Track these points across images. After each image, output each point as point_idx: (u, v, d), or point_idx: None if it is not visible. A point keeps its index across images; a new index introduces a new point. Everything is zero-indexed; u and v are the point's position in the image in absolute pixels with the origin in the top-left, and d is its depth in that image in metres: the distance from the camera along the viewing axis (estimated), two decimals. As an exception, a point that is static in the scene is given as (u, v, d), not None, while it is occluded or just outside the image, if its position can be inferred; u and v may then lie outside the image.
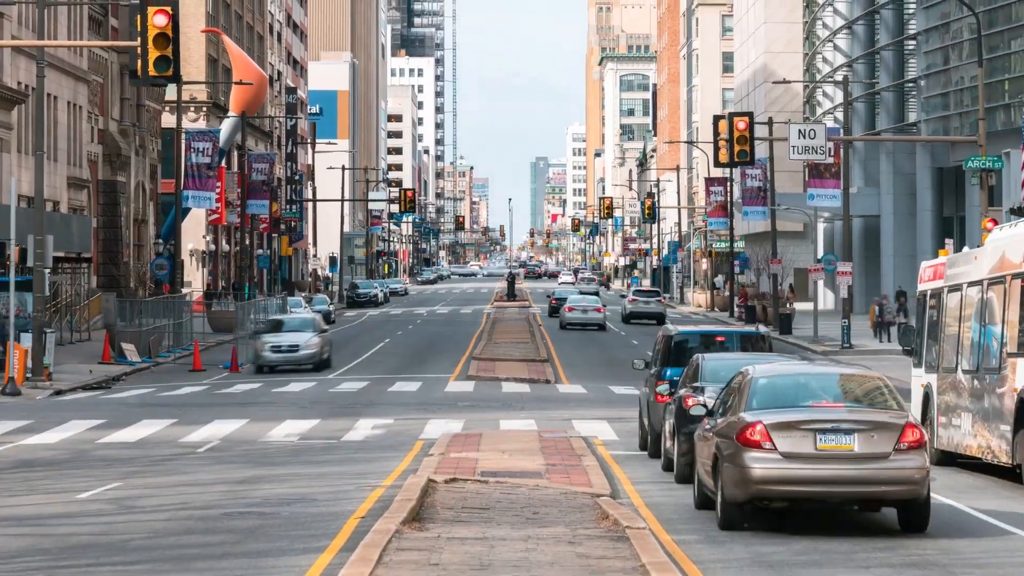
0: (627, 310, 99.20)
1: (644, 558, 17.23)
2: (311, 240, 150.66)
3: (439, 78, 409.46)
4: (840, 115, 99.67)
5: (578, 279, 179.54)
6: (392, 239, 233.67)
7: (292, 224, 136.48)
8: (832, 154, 75.44)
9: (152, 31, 36.92)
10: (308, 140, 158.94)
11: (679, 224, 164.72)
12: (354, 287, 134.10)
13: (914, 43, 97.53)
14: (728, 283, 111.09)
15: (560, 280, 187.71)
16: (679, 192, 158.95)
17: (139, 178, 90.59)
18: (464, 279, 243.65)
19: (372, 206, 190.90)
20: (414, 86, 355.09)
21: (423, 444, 32.00)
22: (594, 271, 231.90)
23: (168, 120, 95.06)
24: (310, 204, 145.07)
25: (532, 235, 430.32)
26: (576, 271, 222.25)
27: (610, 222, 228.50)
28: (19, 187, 61.98)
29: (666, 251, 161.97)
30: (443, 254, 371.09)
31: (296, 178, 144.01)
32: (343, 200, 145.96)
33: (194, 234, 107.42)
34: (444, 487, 23.76)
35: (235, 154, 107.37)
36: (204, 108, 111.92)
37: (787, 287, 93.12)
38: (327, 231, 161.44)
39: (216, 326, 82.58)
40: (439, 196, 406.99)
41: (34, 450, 32.21)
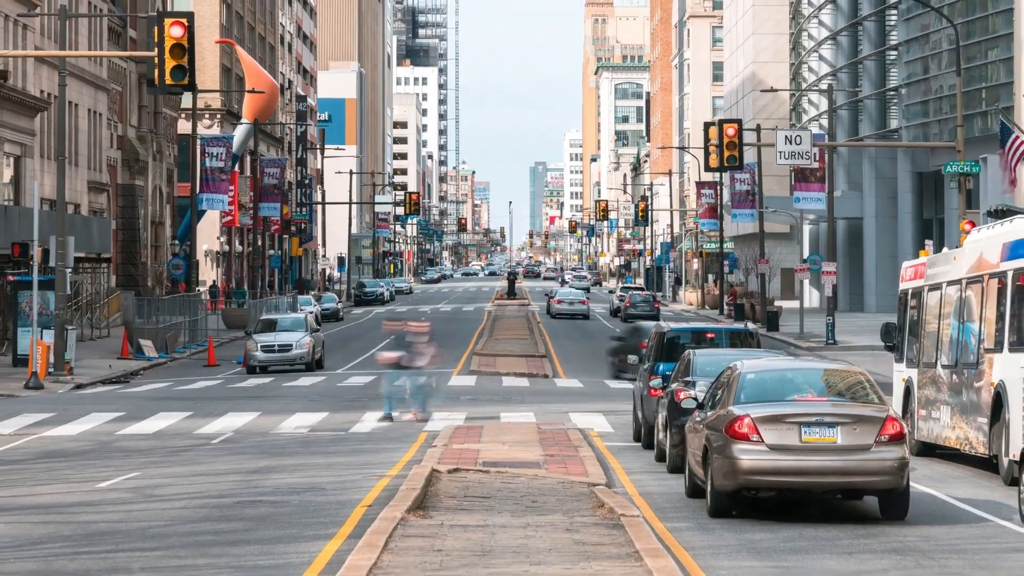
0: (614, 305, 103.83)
1: (638, 544, 17.22)
2: (320, 241, 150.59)
3: (442, 87, 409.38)
4: (825, 122, 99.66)
5: (570, 278, 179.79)
6: (397, 240, 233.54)
7: (302, 226, 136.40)
8: (817, 159, 75.43)
9: (169, 42, 36.93)
10: (317, 146, 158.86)
11: (671, 226, 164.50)
12: (361, 286, 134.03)
13: (895, 53, 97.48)
14: (718, 282, 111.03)
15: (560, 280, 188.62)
16: (671, 195, 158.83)
17: (156, 182, 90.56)
18: (467, 278, 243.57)
19: (378, 209, 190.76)
20: (418, 94, 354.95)
21: (427, 436, 31.98)
22: (591, 270, 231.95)
23: (184, 127, 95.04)
24: (319, 207, 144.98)
25: (531, 236, 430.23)
26: (562, 271, 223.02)
27: (605, 224, 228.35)
28: (42, 191, 61.98)
29: (659, 252, 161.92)
30: (446, 255, 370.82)
31: (306, 182, 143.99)
32: (351, 203, 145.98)
33: (209, 235, 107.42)
34: (447, 477, 23.76)
35: (248, 159, 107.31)
36: (218, 115, 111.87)
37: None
38: (335, 232, 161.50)
39: (229, 323, 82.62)
40: (442, 199, 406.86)
41: (56, 441, 32.22)
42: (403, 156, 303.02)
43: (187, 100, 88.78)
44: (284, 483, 24.70)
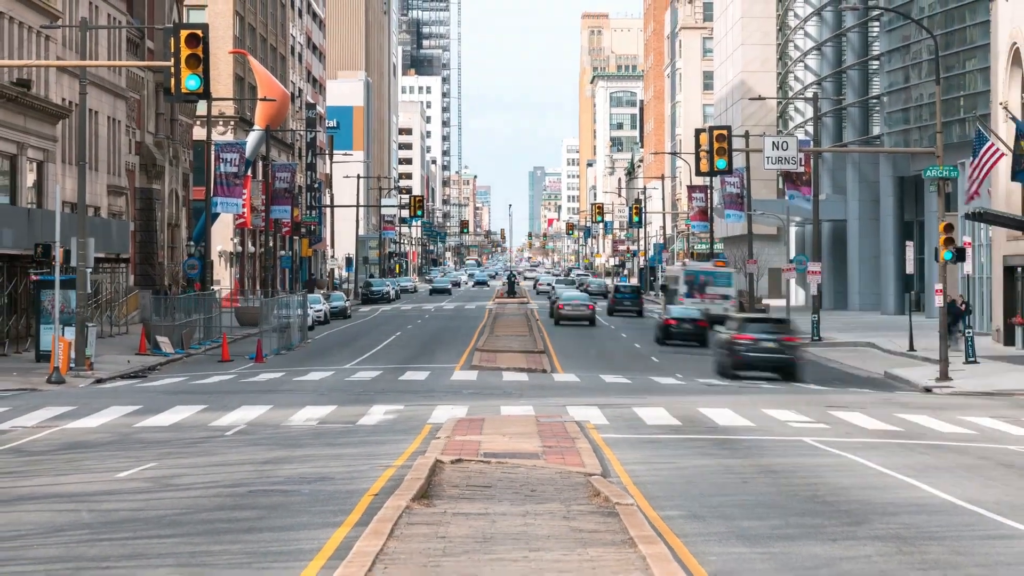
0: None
1: (632, 532, 17.23)
2: (329, 242, 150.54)
3: (445, 95, 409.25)
4: (810, 128, 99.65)
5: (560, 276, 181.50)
6: (402, 241, 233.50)
7: (312, 228, 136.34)
8: (803, 164, 75.45)
9: (184, 52, 36.91)
10: (326, 151, 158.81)
11: (664, 227, 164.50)
12: (368, 285, 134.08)
13: (878, 63, 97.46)
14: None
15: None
16: (664, 198, 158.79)
17: (172, 186, 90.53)
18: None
19: (384, 211, 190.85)
20: (423, 102, 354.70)
21: (431, 428, 31.95)
22: (588, 269, 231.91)
23: (199, 133, 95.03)
24: (328, 209, 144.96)
25: (530, 238, 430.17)
26: (560, 273, 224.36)
27: (601, 226, 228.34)
28: (64, 194, 61.99)
29: (652, 252, 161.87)
30: (449, 255, 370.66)
31: (315, 186, 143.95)
32: (358, 206, 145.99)
33: (222, 237, 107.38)
34: (450, 467, 23.75)
35: (260, 164, 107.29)
36: (232, 122, 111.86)
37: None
38: (343, 234, 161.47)
39: (243, 320, 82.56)
40: (445, 202, 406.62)
41: (78, 433, 32.21)
42: (408, 161, 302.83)
43: (202, 108, 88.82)
44: (295, 473, 24.70)
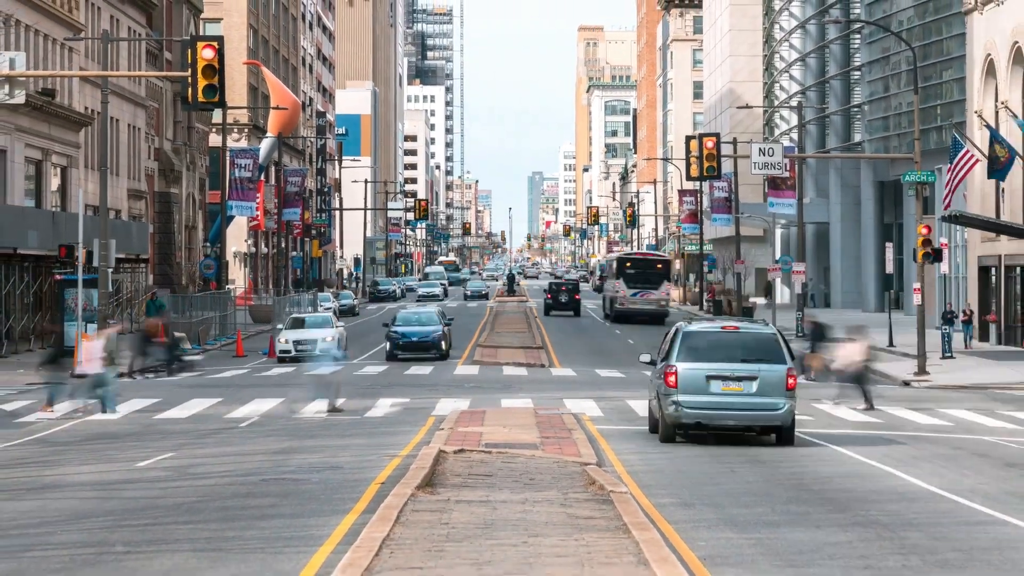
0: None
1: (626, 518, 17.22)
2: (338, 243, 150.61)
3: (449, 104, 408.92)
4: (795, 135, 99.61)
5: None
6: (408, 243, 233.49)
7: (322, 230, 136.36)
8: (788, 169, 75.42)
9: (201, 63, 36.89)
10: (335, 157, 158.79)
11: (656, 229, 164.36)
12: (375, 284, 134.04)
13: (859, 73, 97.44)
14: (697, 281, 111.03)
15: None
16: (656, 202, 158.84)
17: (189, 190, 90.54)
18: (471, 277, 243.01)
19: (391, 214, 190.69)
20: (427, 111, 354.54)
21: (435, 420, 31.94)
22: (584, 269, 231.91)
23: (214, 140, 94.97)
24: (337, 212, 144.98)
25: (529, 239, 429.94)
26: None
27: (596, 228, 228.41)
28: (86, 198, 61.98)
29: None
30: (452, 255, 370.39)
31: (325, 190, 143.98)
32: (365, 209, 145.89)
33: (237, 238, 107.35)
34: (453, 457, 23.75)
35: (272, 169, 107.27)
36: (246, 130, 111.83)
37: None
38: (352, 235, 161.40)
39: (256, 318, 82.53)
40: (448, 205, 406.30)
41: (100, 425, 32.21)
42: (413, 166, 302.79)
43: (217, 116, 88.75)
44: (306, 462, 24.69)
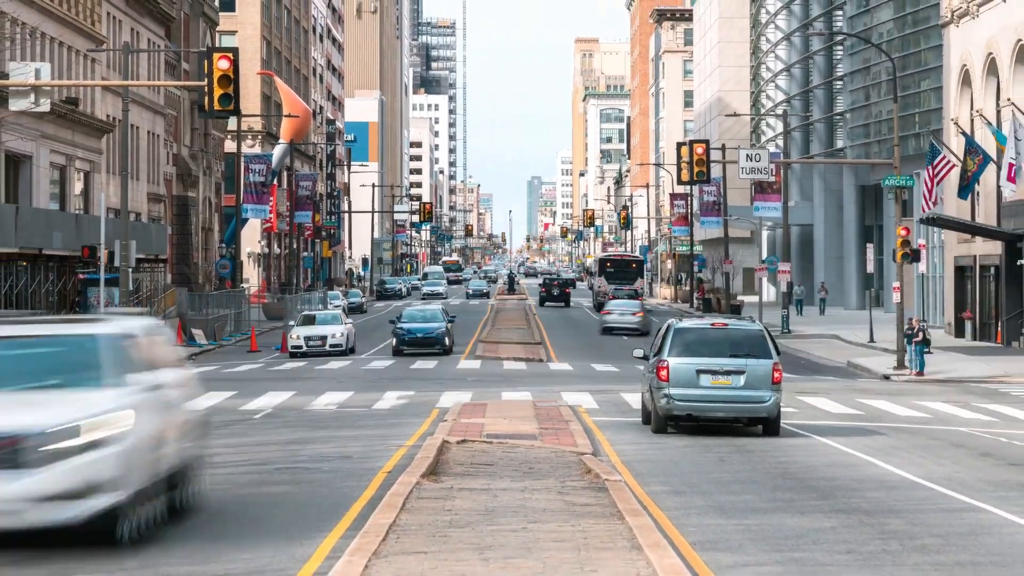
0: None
1: (620, 505, 17.21)
2: (347, 244, 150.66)
3: (452, 112, 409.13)
4: (780, 142, 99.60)
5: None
6: (413, 244, 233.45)
7: (331, 231, 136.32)
8: (774, 174, 75.37)
9: (217, 73, 36.89)
10: (344, 162, 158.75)
11: (648, 231, 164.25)
12: (382, 283, 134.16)
13: (841, 83, 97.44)
14: (688, 280, 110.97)
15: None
16: (648, 205, 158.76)
17: (206, 193, 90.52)
18: (471, 276, 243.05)
19: (397, 216, 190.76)
20: (431, 118, 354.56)
21: (439, 412, 31.94)
22: (581, 269, 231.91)
23: (230, 146, 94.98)
24: (346, 215, 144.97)
25: (528, 240, 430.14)
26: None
27: (592, 230, 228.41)
28: (108, 201, 61.94)
29: (638, 254, 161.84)
30: (455, 256, 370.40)
31: (335, 193, 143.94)
32: (373, 212, 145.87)
33: (251, 239, 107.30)
34: (456, 447, 23.73)
35: (285, 174, 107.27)
36: (259, 136, 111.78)
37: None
38: (360, 237, 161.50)
39: (270, 315, 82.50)
40: (452, 208, 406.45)
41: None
42: (418, 171, 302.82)
43: (232, 123, 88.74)
44: (317, 452, 24.67)
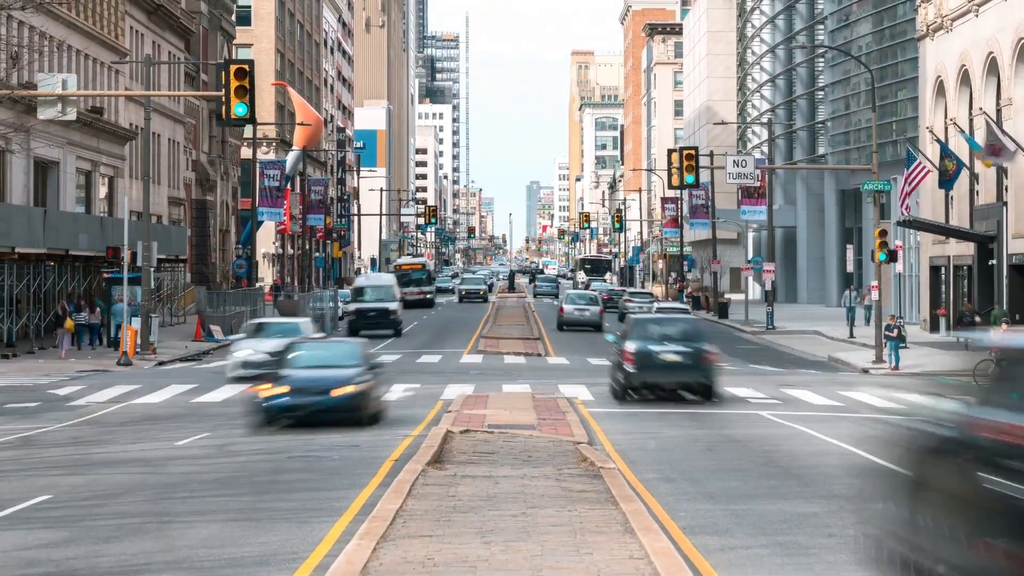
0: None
1: (614, 491, 17.24)
2: (356, 245, 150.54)
3: (455, 120, 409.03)
4: (766, 149, 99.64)
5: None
6: (419, 245, 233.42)
7: (342, 233, 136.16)
8: (759, 179, 75.42)
9: (234, 84, 36.92)
10: (354, 168, 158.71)
11: (641, 233, 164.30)
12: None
13: (823, 93, 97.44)
14: (679, 279, 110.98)
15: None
16: (641, 208, 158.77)
17: (223, 197, 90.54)
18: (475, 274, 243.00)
19: (403, 219, 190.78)
20: (436, 126, 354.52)
21: (443, 403, 31.95)
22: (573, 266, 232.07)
23: (246, 153, 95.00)
24: (355, 217, 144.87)
25: (527, 242, 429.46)
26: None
27: (588, 232, 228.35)
28: (131, 204, 61.85)
29: (631, 254, 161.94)
30: (458, 256, 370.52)
31: (345, 197, 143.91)
32: (381, 214, 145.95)
33: (266, 241, 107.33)
34: (460, 436, 23.76)
35: (298, 179, 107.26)
36: (274, 143, 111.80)
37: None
38: (369, 238, 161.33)
39: (283, 312, 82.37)
40: (455, 211, 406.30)
41: (143, 408, 32.21)
42: (423, 176, 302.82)
43: (248, 131, 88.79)
44: (328, 441, 24.67)
